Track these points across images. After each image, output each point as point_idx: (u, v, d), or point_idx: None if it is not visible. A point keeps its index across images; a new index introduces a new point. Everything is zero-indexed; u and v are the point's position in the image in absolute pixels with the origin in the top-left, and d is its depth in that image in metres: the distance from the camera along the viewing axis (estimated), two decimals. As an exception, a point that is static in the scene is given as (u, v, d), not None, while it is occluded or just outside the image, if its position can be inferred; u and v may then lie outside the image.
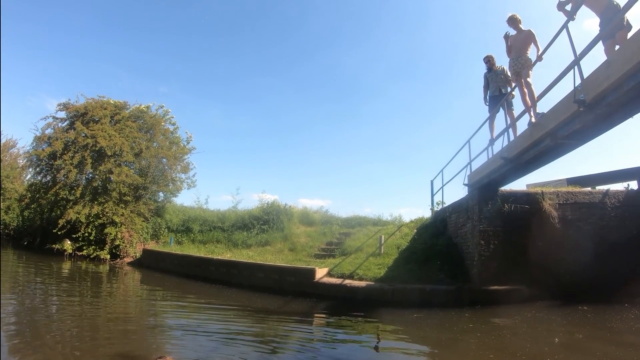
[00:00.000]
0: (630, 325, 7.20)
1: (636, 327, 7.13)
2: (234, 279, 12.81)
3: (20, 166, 20.64)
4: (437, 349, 6.43)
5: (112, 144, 18.03)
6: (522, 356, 5.84)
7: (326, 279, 11.20)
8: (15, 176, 26.70)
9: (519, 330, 7.28)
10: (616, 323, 7.36)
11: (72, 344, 5.59)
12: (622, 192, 10.31)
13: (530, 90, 7.41)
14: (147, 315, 8.55)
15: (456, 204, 12.03)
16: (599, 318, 7.75)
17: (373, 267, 11.52)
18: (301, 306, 9.89)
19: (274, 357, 5.63)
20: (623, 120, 6.03)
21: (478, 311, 8.62)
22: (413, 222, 16.23)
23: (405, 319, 8.35)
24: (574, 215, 9.90)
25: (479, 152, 10.65)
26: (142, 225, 19.05)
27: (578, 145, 7.04)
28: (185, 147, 22.03)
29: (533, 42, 7.67)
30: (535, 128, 7.08)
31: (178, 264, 15.38)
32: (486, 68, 9.55)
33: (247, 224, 18.70)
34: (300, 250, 15.36)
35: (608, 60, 5.06)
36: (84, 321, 7.26)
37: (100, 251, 17.71)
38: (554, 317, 8.01)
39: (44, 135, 18.93)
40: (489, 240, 9.74)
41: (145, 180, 19.56)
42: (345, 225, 18.23)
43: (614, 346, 6.08)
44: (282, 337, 6.98)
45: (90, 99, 20.22)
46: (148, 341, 6.43)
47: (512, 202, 9.87)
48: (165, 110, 21.91)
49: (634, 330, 6.93)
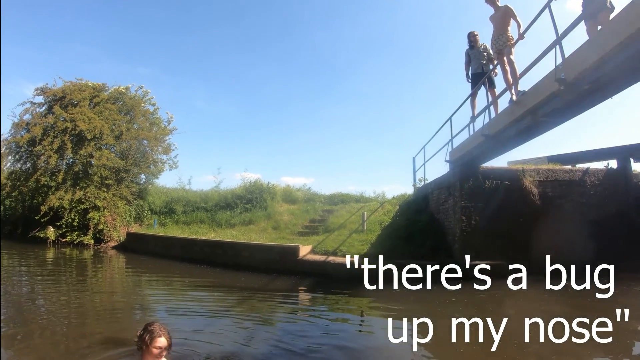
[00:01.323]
0: (611, 300, 7.40)
1: (617, 302, 7.33)
2: (219, 259, 12.83)
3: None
4: (419, 323, 6.55)
5: (92, 127, 17.66)
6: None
7: (310, 256, 11.32)
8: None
9: (500, 304, 7.46)
10: (597, 297, 7.56)
11: (60, 329, 5.57)
12: (602, 170, 10.54)
13: (512, 67, 7.41)
14: (133, 298, 8.53)
15: (438, 181, 12.15)
16: (580, 293, 7.94)
17: (356, 243, 11.66)
18: (286, 284, 9.98)
19: (259, 334, 5.67)
20: (602, 100, 6.13)
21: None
22: (395, 198, 16.36)
23: (387, 294, 8.47)
24: (555, 193, 10.11)
25: (461, 129, 10.73)
26: (125, 208, 18.81)
27: (558, 124, 7.14)
28: (166, 128, 21.62)
29: (512, 18, 7.59)
30: (516, 106, 7.14)
31: (162, 246, 15.33)
32: (468, 44, 9.49)
33: (230, 203, 18.65)
34: (284, 229, 15.42)
35: (589, 40, 5.11)
36: (71, 306, 7.23)
37: (83, 237, 17.48)
38: (535, 292, 8.21)
39: (22, 121, 18.41)
40: (471, 217, 9.90)
41: (126, 162, 19.27)
42: (329, 203, 18.33)
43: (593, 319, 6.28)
44: (267, 315, 7.04)
45: (68, 82, 19.70)
46: (135, 323, 6.43)
47: (493, 178, 10.01)
48: (144, 91, 21.42)
49: (614, 305, 7.12)
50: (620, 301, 7.28)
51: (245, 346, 4.85)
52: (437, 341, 5.60)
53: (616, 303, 7.21)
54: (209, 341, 5.01)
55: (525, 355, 4.82)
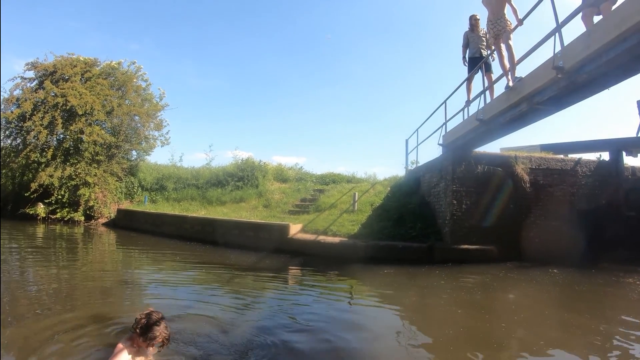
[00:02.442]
0: (597, 289, 7.53)
1: (603, 291, 7.46)
2: (209, 237, 12.85)
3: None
4: (407, 304, 6.63)
5: (83, 103, 17.48)
6: (489, 312, 6.11)
7: (300, 235, 11.37)
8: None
9: (488, 289, 7.57)
10: (585, 286, 7.70)
11: (50, 307, 5.56)
12: (593, 161, 10.65)
13: (510, 53, 7.36)
14: (122, 274, 8.51)
15: (430, 164, 12.20)
16: (567, 281, 8.08)
17: (347, 223, 11.71)
18: (275, 262, 10.02)
19: (249, 311, 5.69)
20: (599, 91, 6.16)
21: (449, 269, 8.90)
22: (387, 180, 16.45)
23: (377, 274, 8.56)
24: (546, 181, 10.21)
25: (455, 112, 10.73)
26: (115, 185, 18.79)
27: (553, 112, 7.15)
28: (158, 104, 21.48)
29: (507, 2, 7.52)
30: (512, 92, 7.14)
31: (153, 223, 15.33)
32: (469, 27, 9.41)
33: (221, 180, 18.69)
34: (275, 207, 15.46)
35: (589, 30, 5.09)
36: (61, 284, 7.21)
37: (74, 213, 17.48)
38: (523, 278, 8.34)
39: (12, 96, 18.12)
40: (461, 200, 9.97)
41: (117, 138, 19.14)
42: (320, 182, 18.45)
43: (579, 307, 6.39)
44: (256, 293, 7.06)
45: (60, 57, 19.41)
46: (124, 300, 6.44)
47: (485, 163, 10.07)
48: (137, 66, 21.19)
49: (601, 295, 7.25)
50: (607, 291, 7.45)
51: (230, 326, 4.85)
52: (424, 322, 5.68)
53: (604, 293, 7.38)
54: (194, 320, 5.01)
55: (512, 341, 4.89)
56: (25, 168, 18.86)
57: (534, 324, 5.41)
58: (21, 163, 18.36)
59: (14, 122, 18.01)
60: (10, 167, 19.04)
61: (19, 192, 18.58)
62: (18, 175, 19.59)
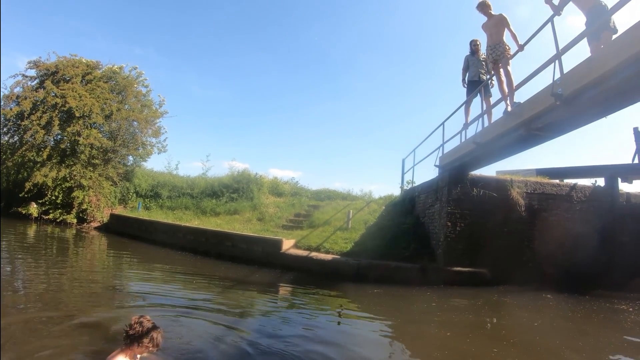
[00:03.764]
0: (592, 316, 7.48)
1: (598, 318, 7.41)
2: (201, 247, 12.80)
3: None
4: (396, 325, 6.57)
5: (82, 105, 17.51)
6: (480, 336, 6.05)
7: (293, 250, 11.30)
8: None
9: (480, 312, 7.51)
10: (579, 313, 7.65)
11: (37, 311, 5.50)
12: (589, 187, 10.65)
13: (509, 79, 7.43)
14: (111, 282, 8.42)
15: (426, 184, 12.18)
16: (561, 307, 8.04)
17: (340, 241, 11.64)
18: (267, 276, 9.98)
19: (238, 325, 5.63)
20: (597, 119, 6.20)
21: (441, 290, 8.85)
22: (382, 199, 16.39)
23: (368, 294, 8.51)
24: (541, 206, 10.20)
25: (453, 135, 10.78)
26: (110, 189, 18.73)
27: (551, 138, 7.19)
28: (157, 111, 21.54)
29: (506, 27, 7.60)
30: (510, 117, 7.17)
31: (145, 230, 15.21)
32: (470, 51, 9.51)
33: (216, 191, 18.60)
34: (269, 221, 15.38)
35: (589, 58, 5.13)
36: (50, 285, 7.15)
37: (66, 215, 17.39)
38: (516, 302, 8.29)
39: (12, 94, 18.17)
40: (456, 222, 9.93)
41: (115, 143, 19.11)
42: (315, 198, 18.37)
43: (573, 334, 6.35)
44: (246, 307, 7.00)
45: (62, 58, 19.50)
46: (112, 309, 6.36)
47: (481, 186, 10.06)
48: (138, 72, 21.29)
49: (595, 322, 7.20)
50: (601, 318, 7.41)
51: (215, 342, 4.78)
52: (412, 344, 5.62)
53: (597, 320, 7.33)
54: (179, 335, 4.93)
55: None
56: (20, 166, 18.88)
57: (526, 350, 5.36)
58: (17, 161, 18.36)
59: (12, 120, 17.96)
60: (6, 165, 18.91)
61: (12, 190, 18.47)
62: (13, 173, 19.51)
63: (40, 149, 17.80)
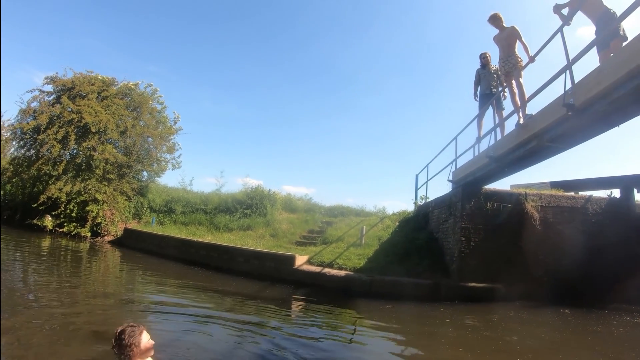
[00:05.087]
0: (612, 331, 7.26)
1: (617, 332, 7.20)
2: (214, 262, 12.81)
3: (4, 139, 20.25)
4: (410, 341, 6.46)
5: (98, 120, 17.77)
6: (495, 353, 5.90)
7: (306, 266, 11.24)
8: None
9: (496, 329, 7.34)
10: (598, 327, 7.44)
11: (49, 322, 5.52)
12: (604, 199, 10.45)
13: (521, 90, 7.38)
14: (124, 295, 8.46)
15: (439, 200, 12.07)
16: (579, 321, 7.84)
17: (353, 257, 11.58)
18: (279, 292, 9.95)
19: (248, 339, 5.60)
20: (609, 129, 6.10)
21: (455, 307, 8.69)
22: (396, 215, 16.28)
23: (381, 310, 8.39)
24: (556, 219, 10.02)
25: (466, 149, 10.70)
26: (124, 204, 18.86)
27: (564, 149, 7.08)
28: (172, 128, 21.80)
29: (518, 39, 7.59)
30: (522, 129, 7.10)
31: (158, 244, 15.26)
32: (480, 64, 9.50)
33: (230, 207, 18.61)
34: (282, 237, 15.35)
35: (600, 67, 5.08)
36: (62, 297, 7.18)
37: (81, 228, 17.51)
38: (533, 318, 8.10)
39: (30, 108, 18.56)
40: (470, 238, 9.80)
41: (129, 158, 19.30)
42: (328, 214, 18.30)
43: (592, 350, 6.16)
44: (257, 321, 6.94)
45: (79, 74, 19.86)
46: (124, 321, 6.36)
47: (495, 201, 9.94)
48: (153, 89, 21.60)
49: (615, 336, 6.99)
50: (621, 332, 7.19)
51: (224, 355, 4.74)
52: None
53: (617, 334, 7.11)
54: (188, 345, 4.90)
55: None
56: (36, 179, 19.10)
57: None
58: (33, 174, 18.61)
59: (29, 133, 18.24)
60: (22, 177, 19.22)
61: (28, 202, 18.68)
62: (28, 186, 19.76)
63: (56, 163, 18.03)
